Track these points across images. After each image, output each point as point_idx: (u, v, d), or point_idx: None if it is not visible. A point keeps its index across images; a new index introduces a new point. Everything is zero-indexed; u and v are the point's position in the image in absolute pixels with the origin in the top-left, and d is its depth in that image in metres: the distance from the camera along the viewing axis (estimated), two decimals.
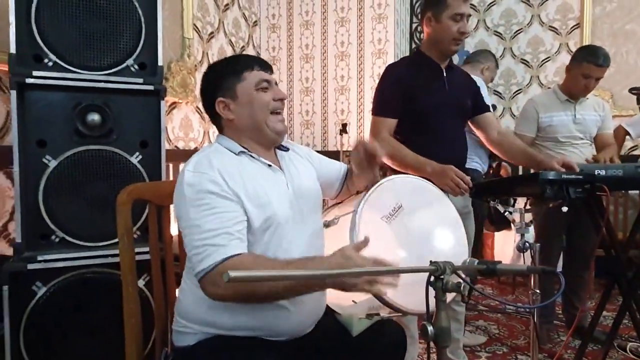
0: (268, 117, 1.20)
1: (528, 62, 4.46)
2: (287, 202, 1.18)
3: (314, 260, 1.04)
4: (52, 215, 1.54)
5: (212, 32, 3.59)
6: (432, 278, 0.85)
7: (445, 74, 1.92)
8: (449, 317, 0.86)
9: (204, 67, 3.45)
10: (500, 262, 0.98)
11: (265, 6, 4.31)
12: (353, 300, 1.23)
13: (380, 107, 1.91)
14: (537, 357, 1.42)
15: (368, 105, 4.04)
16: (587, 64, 2.35)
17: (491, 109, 2.13)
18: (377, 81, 1.86)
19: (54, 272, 1.52)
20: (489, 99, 2.51)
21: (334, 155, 3.85)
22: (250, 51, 4.18)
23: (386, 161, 1.82)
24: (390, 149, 1.80)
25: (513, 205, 1.70)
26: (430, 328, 0.84)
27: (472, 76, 2.17)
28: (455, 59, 4.23)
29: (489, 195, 1.63)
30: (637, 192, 1.81)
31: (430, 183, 1.45)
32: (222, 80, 1.21)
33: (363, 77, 4.08)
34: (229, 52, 3.83)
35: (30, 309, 1.50)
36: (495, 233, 3.53)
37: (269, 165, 1.20)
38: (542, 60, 4.41)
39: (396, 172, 1.77)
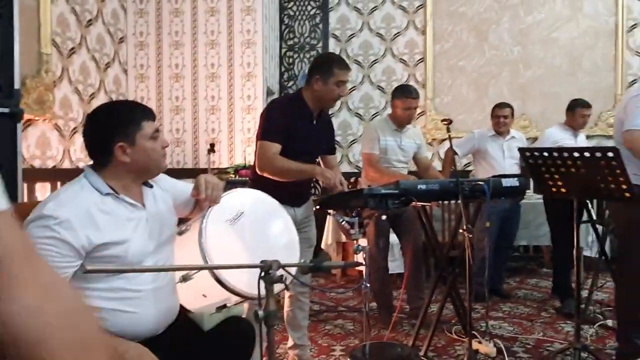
0: (160, 161, 1.38)
1: (383, 88, 5.04)
2: (146, 234, 1.34)
3: None
4: None
5: (73, 48, 3.48)
6: (263, 273, 1.06)
7: (315, 123, 2.21)
8: (275, 303, 1.08)
9: (63, 83, 3.36)
10: (328, 260, 1.24)
11: (132, 23, 4.27)
12: (203, 295, 1.39)
13: (268, 134, 2.09)
14: (370, 338, 1.71)
15: (239, 124, 4.22)
16: (406, 99, 2.90)
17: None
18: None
19: None
20: None
21: (204, 172, 3.95)
22: (116, 67, 4.10)
23: (271, 176, 2.05)
24: (277, 164, 2.04)
25: (355, 216, 2.00)
26: (260, 312, 1.04)
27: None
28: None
29: (330, 208, 1.91)
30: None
31: (267, 195, 1.67)
32: (121, 126, 1.31)
33: (233, 97, 4.25)
34: (93, 68, 3.74)
35: None
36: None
37: (132, 204, 1.33)
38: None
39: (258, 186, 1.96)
